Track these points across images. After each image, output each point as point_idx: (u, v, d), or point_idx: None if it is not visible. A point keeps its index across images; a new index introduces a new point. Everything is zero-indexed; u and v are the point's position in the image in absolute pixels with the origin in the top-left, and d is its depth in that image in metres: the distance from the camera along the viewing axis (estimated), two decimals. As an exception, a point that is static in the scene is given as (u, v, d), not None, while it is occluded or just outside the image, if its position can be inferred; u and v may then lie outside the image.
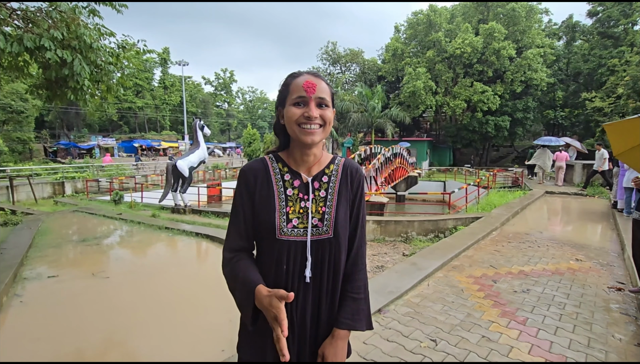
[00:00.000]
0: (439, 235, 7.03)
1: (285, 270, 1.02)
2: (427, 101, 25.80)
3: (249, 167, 1.10)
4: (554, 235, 6.03)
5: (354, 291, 1.09)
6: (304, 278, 1.02)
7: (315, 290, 1.04)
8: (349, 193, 1.11)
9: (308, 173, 1.10)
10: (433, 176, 24.06)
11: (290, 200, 1.06)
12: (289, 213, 1.04)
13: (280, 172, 1.09)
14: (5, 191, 13.43)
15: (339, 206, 1.08)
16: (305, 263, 1.02)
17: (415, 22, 28.28)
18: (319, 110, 1.01)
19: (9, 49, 4.74)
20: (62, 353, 3.04)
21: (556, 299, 3.43)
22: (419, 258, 4.49)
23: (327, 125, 1.03)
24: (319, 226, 1.05)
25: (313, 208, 1.06)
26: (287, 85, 1.04)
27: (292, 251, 1.02)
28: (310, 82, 1.00)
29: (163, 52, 52.00)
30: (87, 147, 39.77)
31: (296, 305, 1.03)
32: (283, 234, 1.02)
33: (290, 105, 1.01)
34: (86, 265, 5.30)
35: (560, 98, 27.38)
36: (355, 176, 1.13)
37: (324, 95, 1.01)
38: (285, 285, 1.01)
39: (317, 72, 1.06)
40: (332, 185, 1.10)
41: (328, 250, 1.04)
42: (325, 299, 1.05)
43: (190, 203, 10.49)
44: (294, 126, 1.01)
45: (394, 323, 2.92)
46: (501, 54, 24.37)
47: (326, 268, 1.04)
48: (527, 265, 4.47)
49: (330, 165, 1.12)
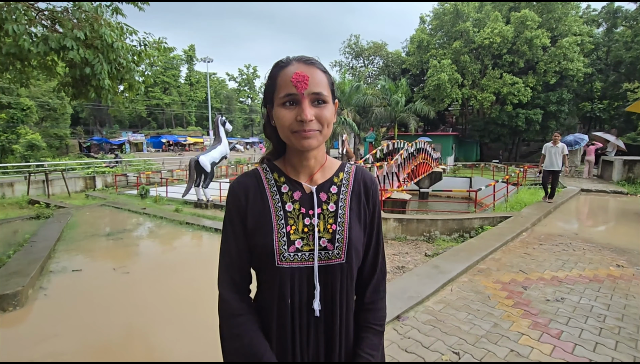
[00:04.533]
0: (464, 234, 6.72)
1: (291, 304, 0.84)
2: (453, 94, 24.93)
3: (237, 182, 0.91)
4: (591, 237, 5.59)
5: (376, 323, 0.92)
6: (313, 312, 0.84)
7: (328, 324, 0.86)
8: (363, 208, 0.92)
9: (311, 182, 0.90)
10: (459, 172, 23.30)
11: (290, 217, 0.86)
12: (290, 233, 0.85)
13: (277, 183, 0.89)
14: (42, 184, 14.17)
15: (352, 224, 0.88)
16: (312, 292, 0.84)
17: (442, 12, 27.30)
18: (315, 108, 0.80)
19: (36, 49, 4.88)
20: (81, 347, 3.08)
21: (595, 310, 3.13)
22: (441, 261, 4.26)
23: (325, 127, 0.82)
24: (329, 248, 0.85)
25: (321, 226, 0.86)
26: (274, 79, 0.83)
27: (296, 280, 0.84)
28: (300, 74, 0.78)
29: (189, 50, 53.14)
30: (118, 142, 41.42)
31: (307, 345, 0.86)
32: (284, 260, 0.83)
33: (278, 105, 0.81)
34: (109, 260, 5.43)
35: (599, 89, 25.66)
36: (371, 187, 0.94)
37: (319, 90, 0.80)
38: (292, 322, 0.85)
39: (309, 58, 0.83)
40: (343, 197, 0.90)
41: (340, 278, 0.85)
42: (338, 337, 0.87)
43: (212, 198, 10.63)
44: (286, 132, 0.81)
45: (413, 332, 2.74)
46: (534, 43, 23.07)
47: (338, 299, 0.86)
48: (561, 270, 4.14)
49: (339, 173, 0.93)
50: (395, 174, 11.82)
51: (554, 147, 7.64)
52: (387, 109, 24.91)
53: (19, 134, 24.28)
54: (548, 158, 7.72)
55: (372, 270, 0.94)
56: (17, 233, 6.70)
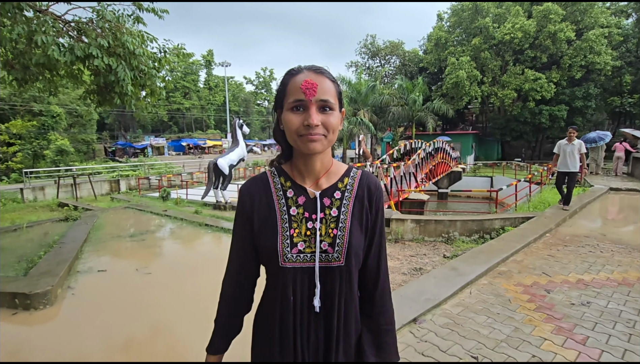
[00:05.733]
0: (484, 236, 6.54)
1: (293, 300, 0.90)
2: (472, 92, 24.37)
3: (246, 186, 0.98)
4: (620, 238, 5.34)
5: (387, 323, 0.99)
6: (313, 308, 0.90)
7: (327, 320, 0.91)
8: (366, 213, 0.94)
9: (316, 187, 0.94)
10: (479, 171, 22.75)
11: (294, 221, 0.91)
12: (293, 236, 0.90)
13: (282, 187, 0.94)
14: (70, 188, 14.81)
15: (353, 230, 0.91)
16: (313, 290, 0.89)
17: (460, 9, 26.78)
18: (322, 115, 0.84)
19: (63, 59, 5.12)
20: (106, 344, 3.21)
21: (624, 315, 2.99)
22: (460, 263, 4.18)
23: (330, 133, 0.87)
24: (329, 252, 0.89)
25: (322, 230, 0.90)
26: (285, 85, 0.88)
27: (298, 279, 0.89)
28: (309, 81, 0.83)
29: (207, 54, 54.28)
30: (141, 146, 42.78)
31: (307, 338, 0.91)
32: (287, 261, 0.89)
33: (287, 109, 0.86)
34: (132, 260, 5.62)
35: (628, 83, 24.40)
36: (375, 192, 0.96)
37: (326, 97, 0.84)
38: (294, 317, 0.90)
39: (319, 67, 0.88)
40: (346, 202, 0.93)
41: (338, 280, 0.90)
42: (336, 333, 0.92)
43: (230, 200, 10.81)
44: (294, 135, 0.86)
45: (430, 335, 2.70)
46: (557, 37, 22.26)
47: (336, 299, 0.90)
48: (587, 273, 3.97)
49: (344, 178, 0.96)
50: (412, 174, 11.66)
51: (569, 144, 6.67)
52: (405, 109, 24.63)
53: (49, 140, 25.42)
54: (562, 157, 6.77)
55: (377, 274, 0.97)
56: (48, 234, 7.03)
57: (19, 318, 3.62)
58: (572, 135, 6.65)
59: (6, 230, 7.51)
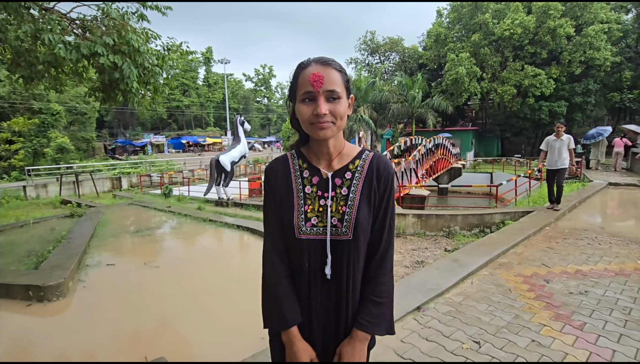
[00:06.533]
0: (485, 230, 6.65)
1: (308, 268, 1.01)
2: (471, 88, 24.37)
3: (270, 166, 1.09)
4: (619, 232, 5.45)
5: (375, 295, 1.04)
6: (325, 275, 1.01)
7: (337, 286, 1.02)
8: (374, 192, 1.03)
9: (329, 168, 1.04)
10: (479, 167, 22.84)
11: (308, 198, 1.02)
12: (307, 212, 1.01)
13: (300, 168, 1.06)
14: (72, 185, 14.90)
15: (361, 207, 1.01)
16: (325, 260, 1.00)
17: (460, 5, 26.70)
18: (329, 104, 0.93)
19: (69, 57, 5.18)
20: (117, 335, 3.31)
21: (620, 303, 3.09)
22: (461, 255, 4.28)
23: (339, 120, 0.96)
24: (338, 227, 1.00)
25: (333, 207, 1.01)
26: (296, 78, 0.98)
27: (312, 249, 1.01)
28: (317, 74, 0.92)
29: (206, 52, 54.17)
30: (141, 144, 42.75)
31: (319, 300, 1.03)
32: (302, 233, 1.00)
33: (299, 101, 0.96)
34: (139, 255, 5.72)
35: (628, 78, 24.41)
36: (384, 173, 1.04)
37: (333, 87, 0.93)
38: (308, 282, 1.02)
39: (327, 59, 0.97)
40: (356, 182, 1.03)
41: (346, 252, 1.00)
42: (345, 297, 1.03)
43: (232, 197, 10.90)
44: (306, 124, 0.96)
45: (433, 322, 2.81)
46: (557, 32, 22.24)
47: (344, 269, 1.01)
48: (585, 264, 4.08)
49: (355, 160, 1.05)
50: (413, 170, 11.76)
51: (558, 140, 6.25)
52: (404, 105, 24.65)
53: (49, 138, 25.49)
54: (550, 154, 6.35)
55: (376, 246, 1.05)
56: (54, 230, 7.13)
57: (34, 309, 3.73)
58: (560, 130, 6.26)
59: (13, 226, 7.61)
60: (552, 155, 6.34)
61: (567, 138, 6.23)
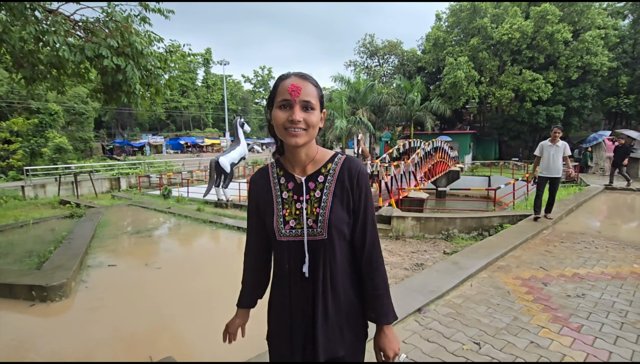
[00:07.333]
0: (483, 233, 6.72)
1: (287, 268, 1.10)
2: (469, 92, 24.55)
3: (253, 177, 1.20)
4: (615, 235, 5.53)
5: (376, 288, 1.13)
6: (304, 274, 1.08)
7: (314, 283, 1.08)
8: (346, 193, 1.09)
9: (303, 173, 1.11)
10: (477, 170, 22.96)
11: (286, 203, 1.10)
12: (285, 215, 1.09)
13: (277, 176, 1.14)
14: (71, 186, 14.87)
15: (334, 207, 1.07)
16: (303, 259, 1.07)
17: (459, 9, 26.93)
18: (304, 113, 1.01)
19: (73, 58, 5.22)
20: (120, 335, 3.34)
21: (617, 306, 3.16)
22: (461, 257, 4.34)
23: (311, 129, 1.03)
24: (314, 227, 1.07)
25: (308, 209, 1.08)
26: (276, 87, 1.05)
27: (292, 250, 1.08)
28: (295, 85, 1.00)
29: (206, 53, 54.18)
30: (139, 144, 42.67)
31: (298, 299, 1.10)
32: (282, 235, 1.08)
33: (276, 107, 1.03)
34: (140, 256, 5.74)
35: (625, 83, 24.66)
36: (355, 174, 1.10)
37: (309, 98, 1.01)
38: (289, 281, 1.10)
39: (305, 74, 1.05)
40: (328, 185, 1.09)
41: (322, 251, 1.07)
42: (323, 293, 1.08)
43: (231, 198, 10.93)
44: (280, 129, 1.03)
45: (434, 324, 2.86)
46: (555, 38, 22.46)
47: (321, 267, 1.08)
48: (582, 267, 4.15)
49: (328, 164, 1.11)
50: (412, 173, 11.83)
51: (554, 146, 5.86)
52: (403, 108, 24.78)
53: (47, 138, 25.38)
54: (546, 160, 5.93)
55: (362, 244, 1.12)
56: (54, 230, 7.14)
57: (37, 309, 3.75)
58: (557, 135, 5.86)
59: (13, 226, 7.61)
60: (547, 161, 5.94)
61: (562, 145, 5.88)
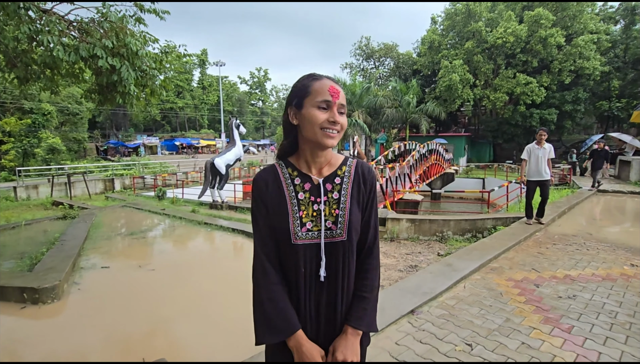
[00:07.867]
0: (477, 235, 6.77)
1: (303, 271, 1.06)
2: (464, 95, 24.77)
3: (259, 175, 1.12)
4: (606, 237, 5.60)
5: (362, 290, 1.11)
6: (319, 278, 1.06)
7: (330, 287, 1.08)
8: (361, 194, 1.12)
9: (319, 174, 1.11)
10: (471, 173, 23.13)
11: (302, 204, 1.08)
12: (302, 217, 1.06)
13: (290, 176, 1.10)
14: (64, 187, 14.72)
15: (352, 208, 1.09)
16: (320, 263, 1.06)
17: (454, 13, 27.17)
18: (340, 116, 1.04)
19: (67, 58, 5.18)
20: (113, 338, 3.31)
21: (607, 307, 3.20)
22: (454, 259, 4.37)
23: (342, 132, 1.06)
24: (333, 229, 1.06)
25: (327, 211, 1.07)
26: (307, 86, 1.04)
27: (307, 253, 1.06)
28: (335, 88, 1.03)
29: (201, 54, 54.04)
30: (134, 145, 42.41)
31: (312, 304, 1.08)
32: (298, 238, 1.05)
33: (312, 107, 1.02)
34: (134, 257, 5.71)
35: (617, 88, 25.06)
36: (368, 177, 1.14)
37: (344, 103, 1.05)
38: (304, 284, 1.07)
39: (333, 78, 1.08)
40: (345, 186, 1.10)
41: (342, 252, 1.07)
42: (341, 297, 1.08)
43: (227, 199, 10.89)
44: (317, 128, 1.01)
45: (427, 325, 2.88)
46: (548, 42, 22.76)
47: (340, 269, 1.07)
48: (573, 269, 4.20)
49: (342, 166, 1.13)
50: (407, 175, 11.88)
51: (541, 149, 5.78)
52: (399, 110, 24.91)
53: (40, 138, 25.11)
54: (534, 163, 5.83)
55: (364, 243, 1.13)
56: (47, 232, 7.07)
57: (29, 311, 3.71)
58: (543, 138, 5.81)
59: (4, 227, 7.52)
60: (535, 164, 5.85)
61: (549, 147, 5.82)
